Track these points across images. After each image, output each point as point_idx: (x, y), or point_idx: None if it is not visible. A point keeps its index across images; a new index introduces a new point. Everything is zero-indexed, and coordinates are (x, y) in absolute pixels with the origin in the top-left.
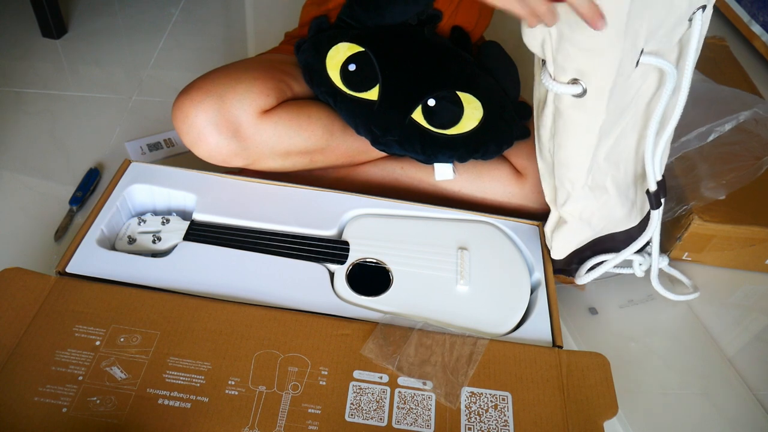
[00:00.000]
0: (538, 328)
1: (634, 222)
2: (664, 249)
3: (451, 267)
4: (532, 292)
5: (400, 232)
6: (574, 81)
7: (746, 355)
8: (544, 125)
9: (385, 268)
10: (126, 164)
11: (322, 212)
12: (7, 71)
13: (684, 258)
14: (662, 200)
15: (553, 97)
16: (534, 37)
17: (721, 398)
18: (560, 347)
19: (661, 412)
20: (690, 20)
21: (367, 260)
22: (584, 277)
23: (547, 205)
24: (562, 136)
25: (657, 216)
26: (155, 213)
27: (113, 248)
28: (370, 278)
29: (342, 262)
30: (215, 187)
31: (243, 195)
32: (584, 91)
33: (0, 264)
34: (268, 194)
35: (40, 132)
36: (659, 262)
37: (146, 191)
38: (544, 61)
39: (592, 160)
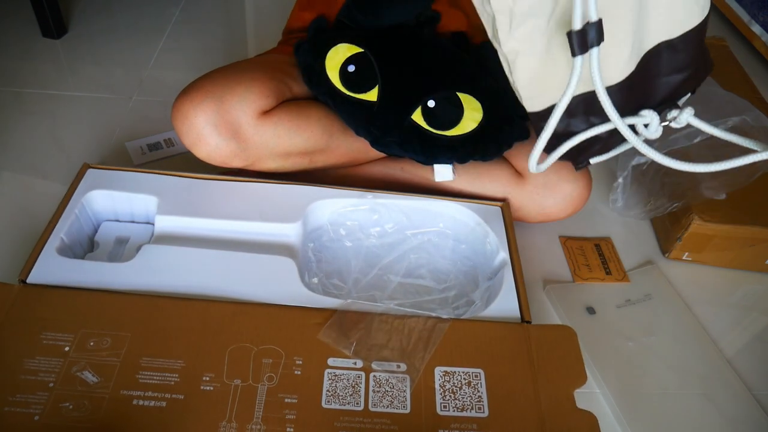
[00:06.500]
0: (507, 307)
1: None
2: (664, 249)
3: None
4: (497, 273)
5: None
6: None
7: (746, 356)
8: None
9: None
10: (83, 171)
11: (287, 204)
12: (7, 71)
13: (684, 258)
14: (594, 47)
15: None
16: None
17: (721, 398)
18: (529, 322)
19: (660, 412)
20: None
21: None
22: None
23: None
24: None
25: (578, 63)
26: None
27: None
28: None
29: None
30: (176, 188)
31: (206, 193)
32: None
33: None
34: (230, 191)
35: (40, 132)
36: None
37: (106, 197)
38: None
39: None
